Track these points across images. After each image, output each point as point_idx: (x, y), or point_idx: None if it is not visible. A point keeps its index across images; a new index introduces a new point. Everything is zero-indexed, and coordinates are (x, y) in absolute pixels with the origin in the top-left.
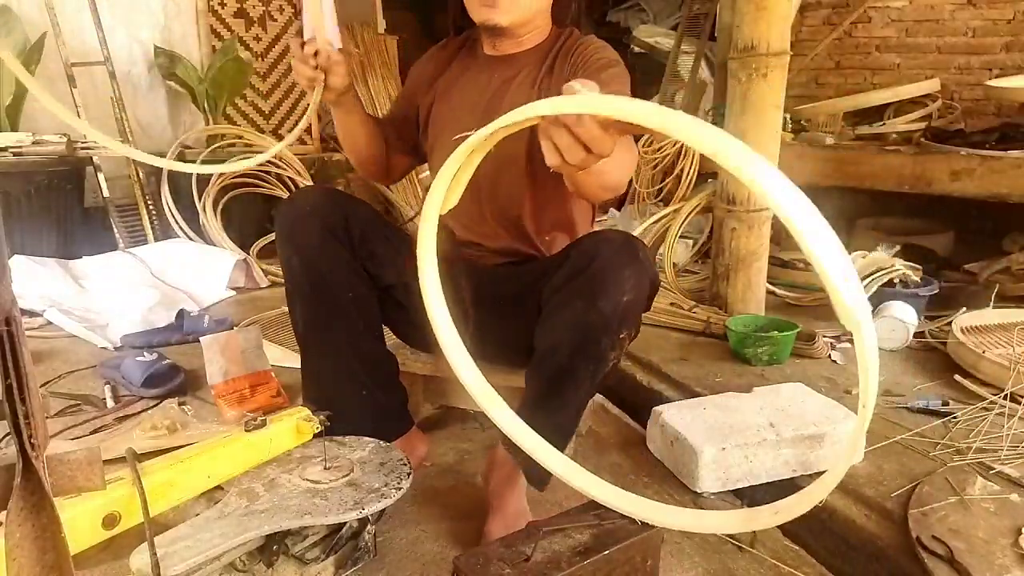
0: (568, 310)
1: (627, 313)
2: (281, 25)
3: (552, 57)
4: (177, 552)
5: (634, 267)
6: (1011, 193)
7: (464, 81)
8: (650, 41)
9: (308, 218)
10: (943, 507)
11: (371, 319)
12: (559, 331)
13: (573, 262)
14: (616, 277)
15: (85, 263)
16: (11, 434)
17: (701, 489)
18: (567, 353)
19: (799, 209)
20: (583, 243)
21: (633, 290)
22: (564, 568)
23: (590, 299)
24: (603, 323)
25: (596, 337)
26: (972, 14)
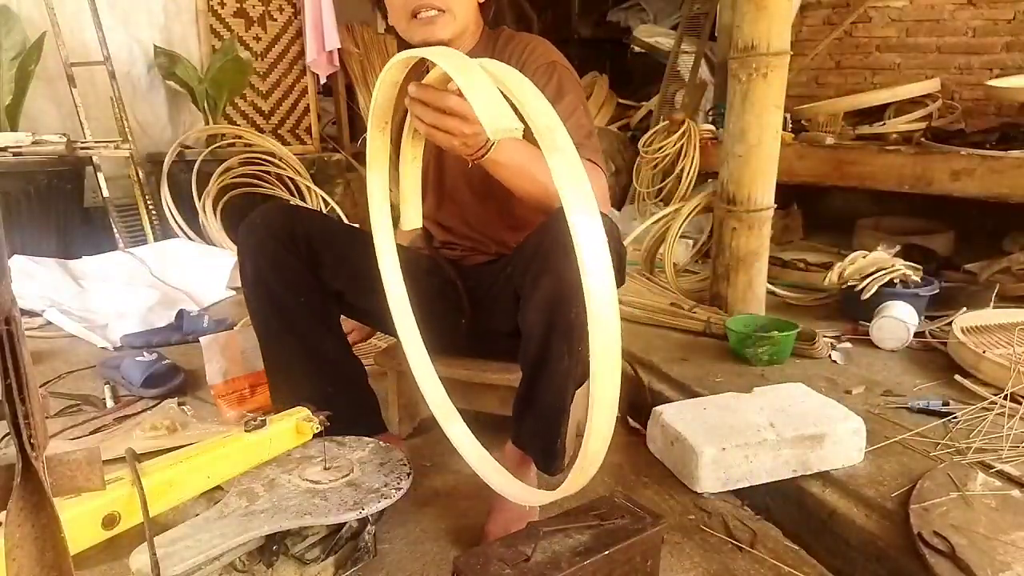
0: (536, 291)
1: None
2: (281, 25)
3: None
4: (177, 552)
5: None
6: (1011, 193)
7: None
8: (650, 41)
9: (259, 230)
10: (944, 503)
11: (327, 321)
12: (533, 314)
13: (534, 239)
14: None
15: (85, 263)
16: (11, 434)
17: (701, 489)
18: (541, 332)
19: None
20: (544, 221)
21: None
22: (564, 568)
23: (554, 272)
24: (570, 292)
25: (566, 310)
26: (972, 14)
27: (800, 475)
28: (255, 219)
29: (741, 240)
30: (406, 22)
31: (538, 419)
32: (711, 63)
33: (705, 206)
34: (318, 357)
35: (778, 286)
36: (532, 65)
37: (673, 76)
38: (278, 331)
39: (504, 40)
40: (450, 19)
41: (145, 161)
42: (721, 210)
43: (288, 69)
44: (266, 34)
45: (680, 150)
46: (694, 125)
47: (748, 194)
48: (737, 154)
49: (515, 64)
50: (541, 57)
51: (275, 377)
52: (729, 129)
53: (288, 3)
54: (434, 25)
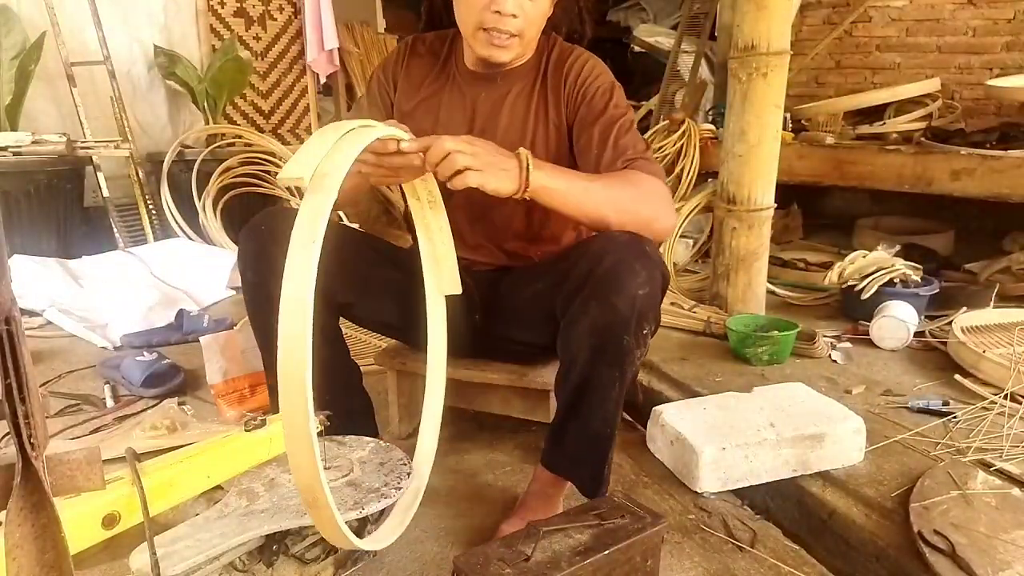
0: (585, 317)
1: (645, 307)
2: (281, 25)
3: (542, 70)
4: (177, 552)
5: (643, 261)
6: (1011, 193)
7: (449, 99)
8: (650, 41)
9: (262, 235)
10: (944, 501)
11: (326, 329)
12: (579, 339)
13: (583, 266)
14: (628, 273)
15: (85, 263)
16: (11, 434)
17: (701, 489)
18: (588, 359)
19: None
20: (590, 246)
21: (647, 283)
22: (564, 568)
23: (604, 299)
24: (622, 320)
25: (618, 336)
26: (972, 13)
27: (800, 475)
28: (258, 224)
29: (741, 240)
30: (475, 32)
31: (584, 445)
32: (711, 63)
33: (705, 206)
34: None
35: (778, 286)
36: (594, 86)
37: (673, 76)
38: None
39: (558, 53)
40: (519, 43)
41: (145, 161)
42: (721, 210)
43: (288, 69)
44: (266, 34)
45: (680, 150)
46: (694, 125)
47: (748, 194)
48: (737, 154)
49: (577, 82)
50: (602, 79)
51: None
52: (729, 129)
53: (288, 3)
54: (503, 48)
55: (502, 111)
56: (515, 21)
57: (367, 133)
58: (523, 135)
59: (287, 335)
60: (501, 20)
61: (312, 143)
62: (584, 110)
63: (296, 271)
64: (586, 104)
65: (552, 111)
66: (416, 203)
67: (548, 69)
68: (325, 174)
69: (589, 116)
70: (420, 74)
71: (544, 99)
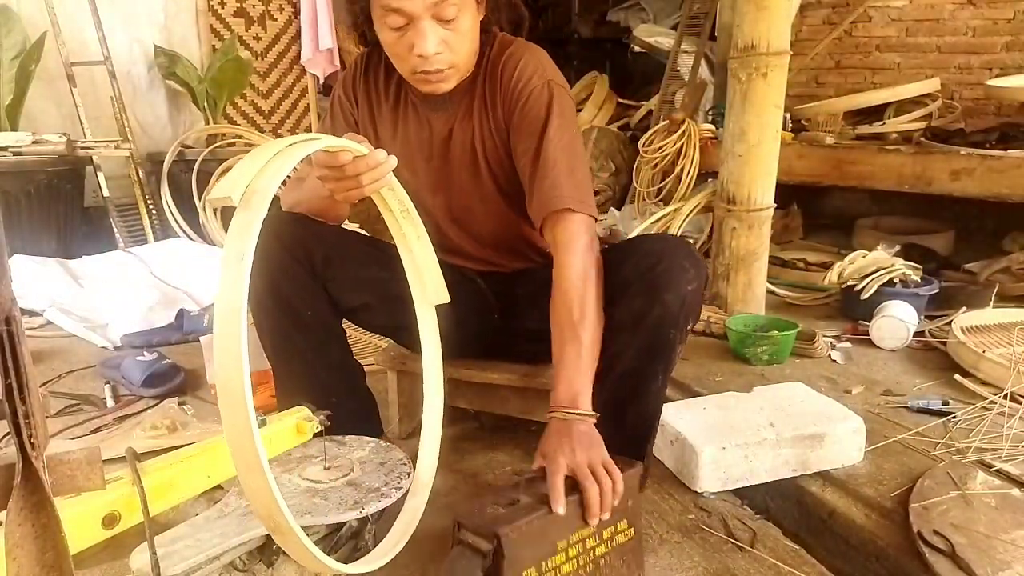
0: (634, 312)
1: (693, 303)
2: (281, 24)
3: (481, 79)
4: (177, 552)
5: (691, 260)
6: (1011, 193)
7: (404, 116)
8: (650, 41)
9: (271, 241)
10: (944, 502)
11: (334, 331)
12: (625, 333)
13: (636, 265)
14: (680, 271)
15: (85, 263)
16: (11, 433)
17: (701, 489)
18: (634, 354)
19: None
20: (640, 247)
21: (695, 280)
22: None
23: (654, 295)
24: (671, 315)
25: (665, 331)
26: (972, 13)
27: (800, 474)
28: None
29: (741, 240)
30: (409, 76)
31: (629, 433)
32: (711, 63)
33: (705, 206)
34: (326, 368)
35: (778, 286)
36: (527, 90)
37: (673, 76)
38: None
39: (494, 55)
40: (454, 72)
41: (145, 161)
42: (721, 210)
43: (288, 69)
44: (266, 34)
45: (680, 150)
46: (694, 125)
47: (748, 194)
48: (737, 154)
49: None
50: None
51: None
52: (729, 129)
53: (288, 3)
54: (442, 82)
55: (453, 136)
56: (442, 57)
57: (306, 147)
58: (474, 156)
59: (223, 350)
60: (427, 62)
61: (245, 162)
62: (517, 118)
63: (228, 286)
64: (519, 112)
65: (493, 121)
66: (389, 215)
67: (485, 72)
68: (255, 191)
69: (518, 132)
70: (377, 89)
71: (485, 109)
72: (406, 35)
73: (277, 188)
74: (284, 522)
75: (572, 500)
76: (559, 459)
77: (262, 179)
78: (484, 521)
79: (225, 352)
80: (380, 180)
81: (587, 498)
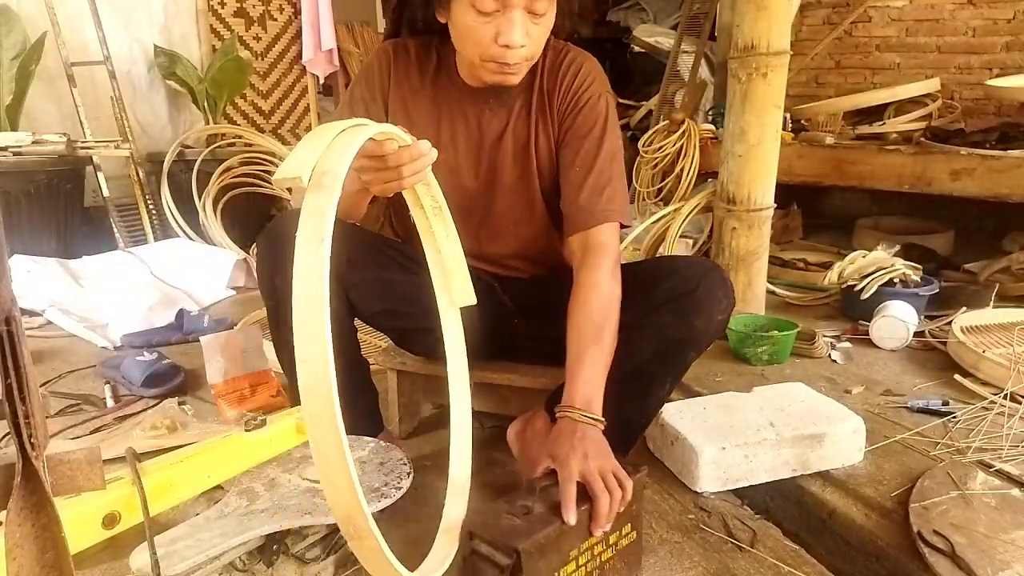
0: (657, 325)
1: (719, 330)
2: (281, 25)
3: (538, 80)
4: (177, 552)
5: (725, 289)
6: (1011, 193)
7: (449, 116)
8: (650, 41)
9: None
10: (944, 502)
11: (348, 330)
12: (646, 340)
13: (673, 284)
14: (714, 300)
15: (85, 263)
16: (11, 434)
17: (701, 489)
18: (649, 359)
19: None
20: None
21: (727, 310)
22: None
23: (685, 319)
24: (696, 340)
25: (687, 352)
26: (972, 13)
27: (800, 474)
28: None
29: (741, 240)
30: (480, 62)
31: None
32: (711, 63)
33: (705, 206)
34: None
35: (778, 286)
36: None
37: (673, 76)
38: None
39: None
40: (527, 66)
41: (145, 161)
42: (721, 210)
43: (288, 69)
44: (266, 34)
45: (680, 150)
46: (694, 125)
47: (748, 194)
48: (737, 154)
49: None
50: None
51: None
52: (729, 129)
53: (288, 3)
54: (514, 75)
55: (506, 135)
56: (524, 51)
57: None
58: (527, 158)
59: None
60: (511, 53)
61: (308, 142)
62: (572, 123)
63: (307, 270)
64: (576, 117)
65: (549, 119)
66: (419, 212)
67: (544, 77)
68: (324, 172)
69: (572, 137)
70: (410, 85)
71: (542, 111)
72: (493, 22)
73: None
74: (364, 525)
75: (583, 510)
76: (571, 464)
77: (329, 160)
78: (501, 533)
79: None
80: (421, 172)
81: (598, 507)
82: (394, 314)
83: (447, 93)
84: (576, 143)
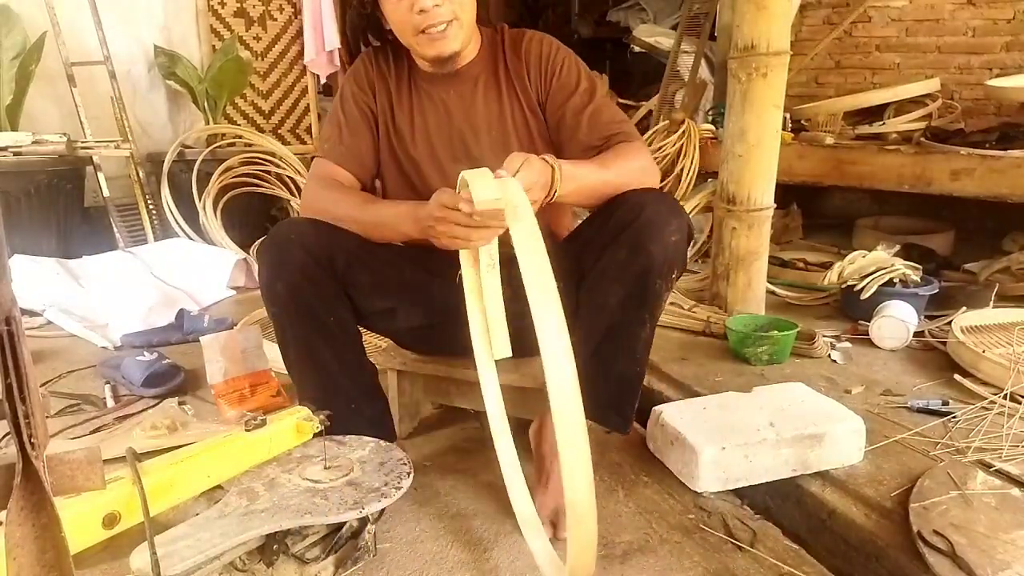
0: (619, 264)
1: (677, 252)
2: (281, 25)
3: (501, 60)
4: (177, 551)
5: (675, 212)
6: (1011, 193)
7: (419, 105)
8: (650, 41)
9: (292, 247)
10: (944, 501)
11: (353, 335)
12: (611, 285)
13: (619, 218)
14: (663, 223)
15: (85, 263)
16: (11, 434)
17: (701, 489)
18: (619, 303)
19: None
20: (623, 202)
21: (679, 231)
22: None
23: (639, 246)
24: (656, 265)
25: (652, 281)
26: (972, 13)
27: (800, 474)
28: (288, 235)
29: (741, 240)
30: (414, 37)
31: (613, 386)
32: (711, 63)
33: (705, 206)
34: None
35: (778, 286)
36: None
37: (673, 76)
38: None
39: (511, 39)
40: (458, 28)
41: (145, 161)
42: (721, 210)
43: (288, 69)
44: (266, 34)
45: (680, 150)
46: (694, 125)
47: (748, 194)
48: (737, 154)
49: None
50: (562, 52)
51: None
52: (729, 129)
53: (288, 3)
54: (446, 39)
55: (475, 107)
56: (442, 9)
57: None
58: (503, 126)
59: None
60: (429, 16)
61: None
62: (555, 85)
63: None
64: (556, 79)
65: (522, 96)
66: (473, 270)
67: (506, 56)
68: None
69: (562, 92)
70: (389, 81)
71: (511, 85)
72: None
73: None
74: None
75: None
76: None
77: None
78: None
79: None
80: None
81: None
82: (396, 314)
83: (417, 86)
84: (566, 100)
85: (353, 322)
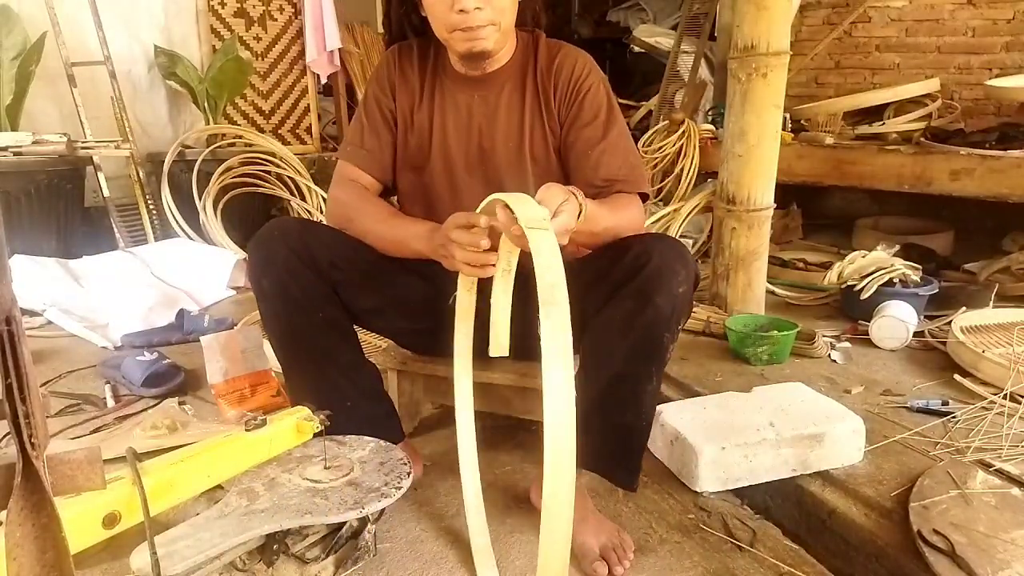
0: (624, 313)
1: (684, 304)
2: (281, 25)
3: (531, 71)
4: (177, 551)
5: (682, 261)
6: (1011, 193)
7: (442, 104)
8: (650, 41)
9: (276, 244)
10: (944, 501)
11: (346, 333)
12: (615, 335)
13: (626, 265)
14: (670, 273)
15: (85, 263)
16: (11, 433)
17: (701, 489)
18: (624, 355)
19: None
20: (631, 247)
21: (685, 282)
22: None
23: (648, 298)
24: (663, 318)
25: (658, 334)
26: (972, 14)
27: (800, 474)
28: (272, 232)
29: (741, 240)
30: (449, 33)
31: (613, 438)
32: (711, 63)
33: (705, 206)
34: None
35: (778, 286)
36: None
37: (673, 76)
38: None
39: (546, 50)
40: (495, 31)
41: (145, 161)
42: (721, 210)
43: (288, 69)
44: (266, 34)
45: (680, 150)
46: (694, 125)
47: (748, 194)
48: (737, 154)
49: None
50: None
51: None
52: (729, 129)
53: (288, 3)
54: (482, 40)
55: (498, 114)
56: (483, 13)
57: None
58: (521, 138)
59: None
60: (468, 17)
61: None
62: (577, 110)
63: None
64: (580, 104)
65: (546, 112)
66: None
67: (538, 68)
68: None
69: (582, 118)
70: (412, 80)
71: (537, 99)
72: None
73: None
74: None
75: None
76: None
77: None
78: None
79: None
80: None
81: None
82: (385, 312)
83: (442, 84)
84: (583, 128)
85: (346, 320)
